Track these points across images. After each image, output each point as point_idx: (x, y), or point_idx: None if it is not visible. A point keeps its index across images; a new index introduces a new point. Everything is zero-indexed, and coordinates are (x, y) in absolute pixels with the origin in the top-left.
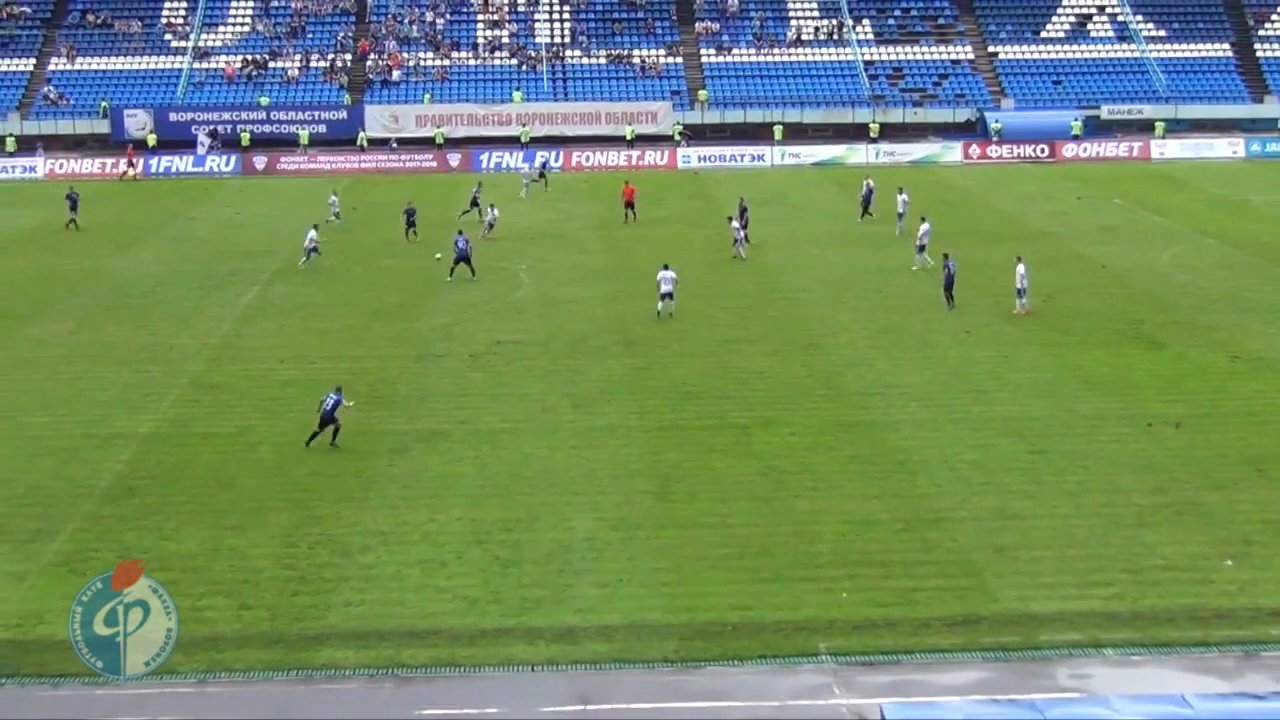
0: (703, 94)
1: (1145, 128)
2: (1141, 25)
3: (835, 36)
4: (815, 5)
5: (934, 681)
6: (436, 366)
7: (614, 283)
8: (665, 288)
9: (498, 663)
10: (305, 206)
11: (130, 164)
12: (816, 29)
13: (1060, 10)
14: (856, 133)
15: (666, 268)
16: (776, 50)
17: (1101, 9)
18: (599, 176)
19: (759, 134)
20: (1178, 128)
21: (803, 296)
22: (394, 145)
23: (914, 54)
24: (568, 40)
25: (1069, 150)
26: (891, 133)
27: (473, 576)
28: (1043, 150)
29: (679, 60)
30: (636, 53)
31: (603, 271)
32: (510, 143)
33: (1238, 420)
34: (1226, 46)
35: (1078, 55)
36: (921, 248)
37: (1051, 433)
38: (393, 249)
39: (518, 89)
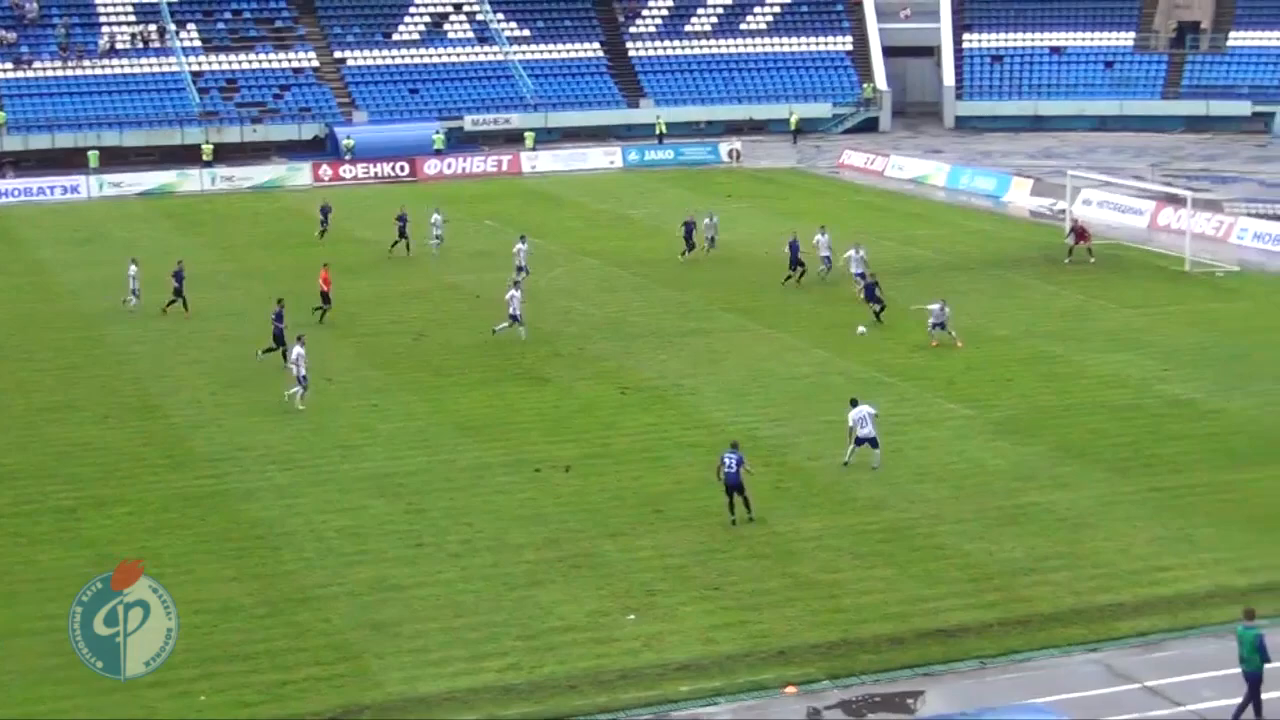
0: (0, 116)
1: (514, 139)
2: (503, 25)
3: (156, 44)
4: (130, 8)
5: None
6: None
7: None
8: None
9: None
10: None
11: None
12: (133, 36)
13: (413, 10)
14: (187, 155)
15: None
16: (87, 62)
17: (459, 7)
18: None
19: (71, 161)
20: (549, 138)
21: (135, 351)
22: None
23: (250, 63)
24: None
25: (431, 167)
26: (229, 154)
27: None
28: (402, 168)
29: None
30: None
31: None
32: None
33: (631, 458)
34: (596, 46)
35: (435, 60)
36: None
37: (430, 488)
38: None
39: None
